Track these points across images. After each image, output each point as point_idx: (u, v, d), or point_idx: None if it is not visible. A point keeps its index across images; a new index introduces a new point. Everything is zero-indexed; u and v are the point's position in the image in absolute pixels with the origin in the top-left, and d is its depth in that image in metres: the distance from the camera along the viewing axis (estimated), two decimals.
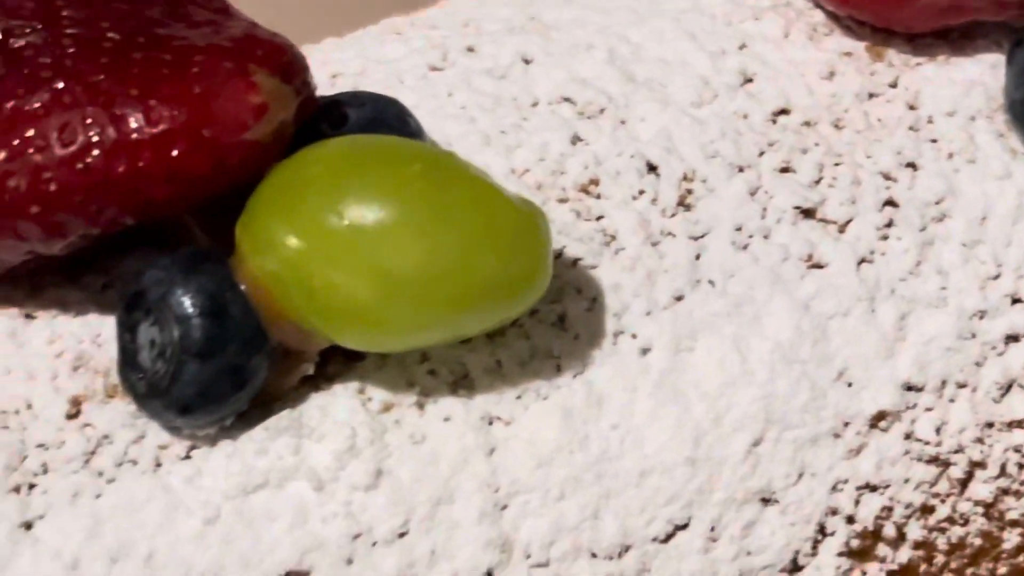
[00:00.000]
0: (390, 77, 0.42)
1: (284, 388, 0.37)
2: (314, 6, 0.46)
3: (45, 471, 0.36)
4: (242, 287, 0.35)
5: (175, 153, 0.34)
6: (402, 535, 0.36)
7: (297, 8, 0.44)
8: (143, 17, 0.36)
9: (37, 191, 0.34)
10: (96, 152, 0.34)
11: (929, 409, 0.39)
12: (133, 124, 0.34)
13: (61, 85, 0.34)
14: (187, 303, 0.34)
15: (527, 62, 0.43)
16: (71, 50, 0.35)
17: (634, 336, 0.38)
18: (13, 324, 0.37)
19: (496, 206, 0.34)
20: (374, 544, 0.36)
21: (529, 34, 0.45)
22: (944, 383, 0.39)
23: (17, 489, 0.35)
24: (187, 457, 0.36)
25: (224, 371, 0.35)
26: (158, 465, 0.36)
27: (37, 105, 0.34)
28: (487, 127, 0.41)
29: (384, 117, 0.38)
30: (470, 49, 0.44)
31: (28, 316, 0.38)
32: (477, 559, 0.36)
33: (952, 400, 0.39)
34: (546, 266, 0.35)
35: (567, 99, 0.42)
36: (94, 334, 0.37)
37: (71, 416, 0.36)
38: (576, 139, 0.41)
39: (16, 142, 0.34)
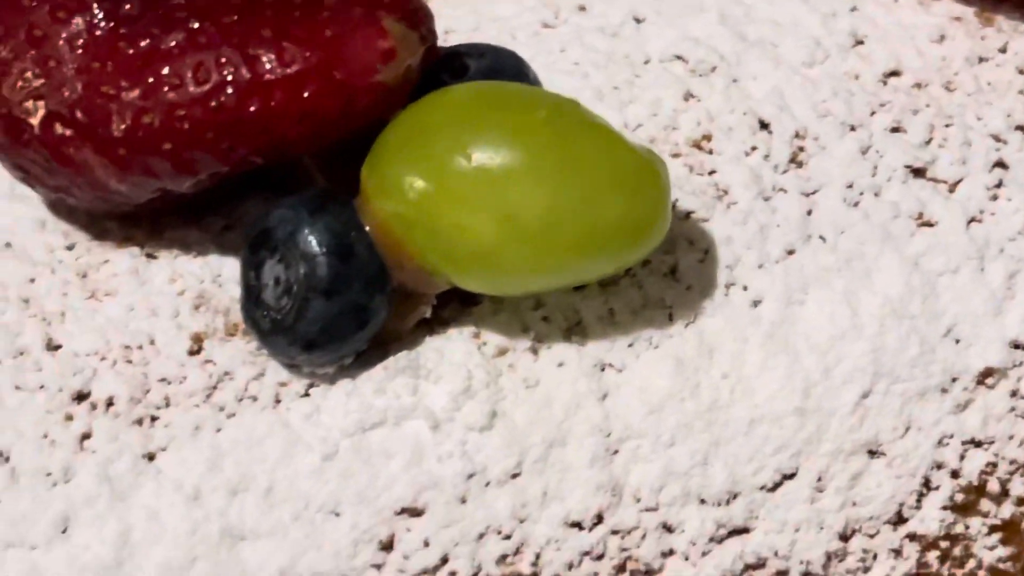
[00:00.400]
0: (503, 33, 0.43)
1: (401, 330, 0.37)
2: None
3: (167, 405, 0.36)
4: (366, 228, 0.35)
5: (306, 94, 0.34)
6: (515, 476, 0.36)
7: None
8: None
9: (170, 128, 0.34)
10: (229, 91, 0.34)
11: None
12: (266, 64, 0.34)
13: (196, 25, 0.35)
14: (314, 242, 0.35)
15: (638, 21, 0.44)
16: None
17: (745, 288, 0.38)
18: (135, 263, 0.38)
19: (620, 153, 0.35)
20: (487, 484, 0.36)
21: None
22: None
23: (140, 421, 0.36)
24: (306, 395, 0.37)
25: (348, 309, 0.35)
26: (277, 402, 0.37)
27: (172, 44, 0.34)
28: (600, 83, 0.41)
29: (503, 68, 0.38)
30: (581, 8, 0.44)
31: (149, 256, 0.38)
32: (588, 501, 0.36)
33: None
34: (666, 213, 0.35)
35: (679, 57, 0.42)
36: (214, 274, 0.38)
37: (193, 352, 0.37)
38: (688, 96, 0.41)
39: (151, 80, 0.34)
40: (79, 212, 0.39)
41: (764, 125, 0.41)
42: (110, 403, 0.36)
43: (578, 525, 0.37)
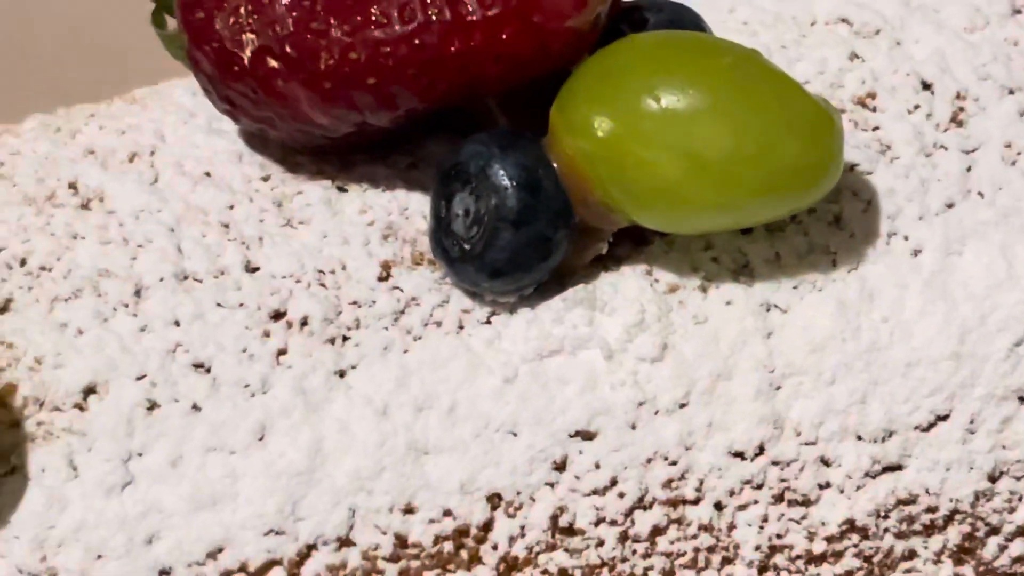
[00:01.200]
0: None
1: (578, 265, 0.38)
2: None
3: (358, 326, 0.38)
4: (553, 165, 0.37)
5: (504, 36, 0.36)
6: (682, 406, 0.38)
7: None
8: None
9: (376, 64, 0.36)
10: (433, 31, 0.36)
11: None
12: (469, 7, 0.36)
13: None
14: (505, 175, 0.36)
15: None
16: None
17: (906, 238, 0.39)
18: (328, 194, 0.40)
19: (798, 100, 0.36)
20: (656, 412, 0.37)
21: None
22: None
23: (332, 340, 0.38)
24: (487, 322, 0.38)
25: (534, 240, 0.37)
26: (460, 327, 0.38)
27: None
28: (768, 41, 0.42)
29: (681, 21, 0.39)
30: None
31: (340, 188, 0.40)
32: (751, 433, 0.38)
33: None
34: (839, 159, 0.36)
35: (844, 20, 0.43)
36: (401, 207, 0.40)
37: (382, 279, 0.39)
38: (853, 56, 0.42)
39: (359, 18, 0.36)
40: (273, 146, 0.40)
41: (926, 86, 0.42)
42: (304, 322, 0.38)
43: (740, 455, 0.38)
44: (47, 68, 0.50)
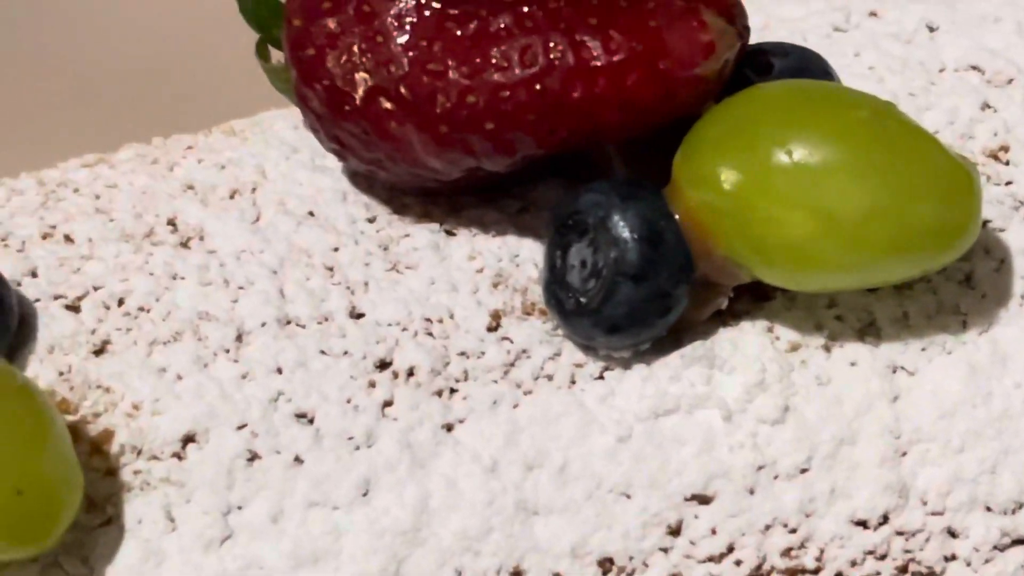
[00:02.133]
0: (793, 34, 0.43)
1: (697, 320, 0.38)
2: None
3: (466, 378, 0.37)
4: (675, 217, 0.36)
5: (629, 82, 0.35)
6: (803, 471, 0.37)
7: None
8: None
9: (494, 108, 0.35)
10: (555, 75, 0.35)
11: None
12: (593, 51, 0.35)
13: (525, 9, 0.35)
14: (626, 226, 0.36)
15: (932, 29, 0.43)
16: None
17: None
18: (435, 238, 0.39)
19: (937, 157, 0.35)
20: (776, 477, 0.37)
21: (933, 3, 0.44)
22: None
23: (440, 393, 0.37)
24: (600, 377, 0.38)
25: (654, 296, 0.36)
26: (573, 382, 0.38)
27: (501, 27, 0.36)
28: (896, 88, 0.42)
29: (809, 68, 0.39)
30: (872, 13, 0.44)
31: (448, 232, 0.40)
32: (875, 501, 0.37)
33: None
34: (978, 220, 0.36)
35: (975, 67, 0.42)
36: (512, 254, 0.39)
37: (491, 329, 0.38)
38: (985, 106, 0.41)
39: (478, 60, 0.35)
40: (379, 187, 0.40)
41: None
42: (411, 373, 0.37)
43: (863, 524, 0.37)
44: (141, 95, 0.50)
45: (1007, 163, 0.41)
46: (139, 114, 0.50)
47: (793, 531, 0.37)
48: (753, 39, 0.41)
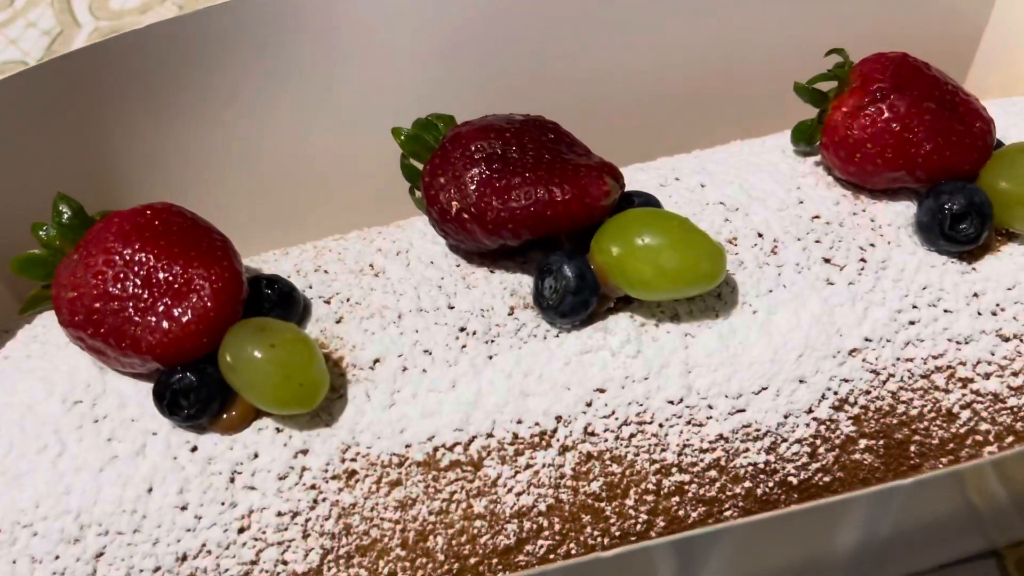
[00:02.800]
0: (643, 186, 0.39)
1: (599, 311, 0.35)
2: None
3: (499, 335, 0.34)
4: (592, 267, 0.34)
5: (572, 208, 0.34)
6: (645, 378, 0.34)
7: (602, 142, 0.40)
8: (557, 149, 0.35)
9: (512, 218, 0.34)
10: (540, 203, 0.34)
11: None
12: (557, 193, 0.34)
13: (527, 175, 0.34)
14: (569, 271, 0.34)
15: (703, 186, 0.39)
16: (529, 160, 0.34)
17: (750, 305, 0.35)
18: (484, 272, 0.36)
19: (707, 242, 0.33)
20: (632, 380, 0.34)
21: (703, 173, 0.40)
22: None
23: (487, 342, 0.34)
24: (556, 336, 0.35)
25: (581, 301, 0.34)
26: (545, 338, 0.35)
27: (515, 182, 0.34)
28: (687, 212, 0.38)
29: (650, 202, 0.36)
30: (677, 179, 0.40)
31: (490, 271, 0.37)
32: (676, 394, 0.34)
33: None
34: (724, 270, 0.33)
35: (721, 203, 0.38)
36: (518, 282, 0.36)
37: (510, 314, 0.35)
38: (726, 220, 0.38)
39: (505, 197, 0.34)
40: (461, 252, 0.37)
41: (760, 235, 0.37)
42: (474, 332, 0.34)
43: (670, 401, 0.34)
44: (367, 200, 0.45)
45: (736, 244, 0.37)
46: (353, 212, 0.46)
47: (640, 404, 0.34)
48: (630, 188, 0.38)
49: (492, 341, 0.35)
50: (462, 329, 0.35)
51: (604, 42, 0.46)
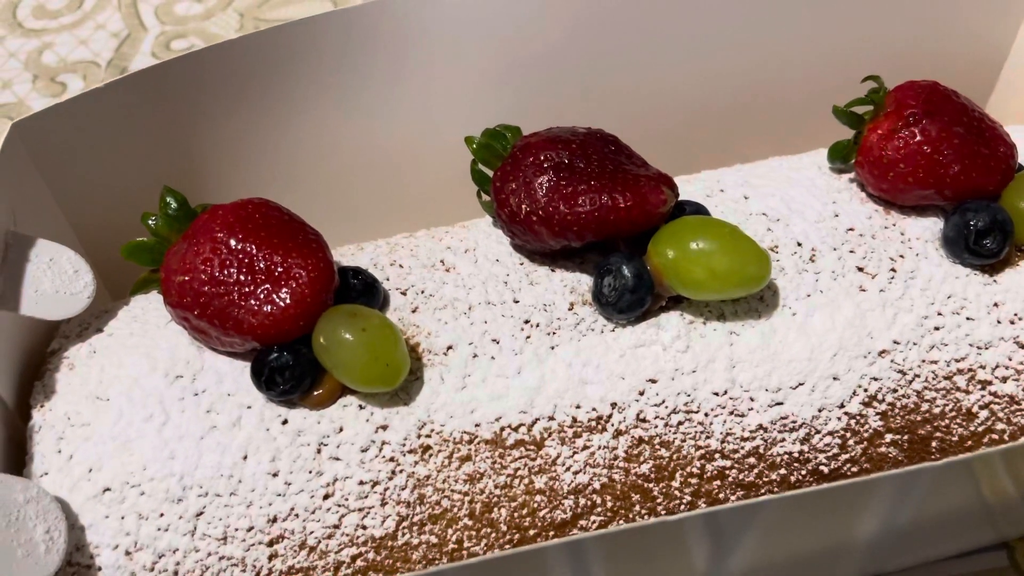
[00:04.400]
0: (691, 197, 0.41)
1: (653, 309, 0.37)
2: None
3: (560, 328, 0.37)
4: (648, 268, 0.37)
5: (633, 214, 0.36)
6: (693, 371, 0.36)
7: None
8: (618, 160, 0.37)
9: (578, 222, 0.36)
10: (603, 209, 0.36)
11: None
12: (620, 200, 0.36)
13: (592, 183, 0.36)
14: (627, 270, 0.36)
15: (746, 198, 0.41)
16: (594, 170, 0.36)
17: (789, 307, 0.37)
18: (547, 270, 0.38)
19: (754, 247, 0.36)
20: (681, 372, 0.36)
21: (746, 186, 0.42)
22: None
23: (550, 333, 0.36)
24: (613, 330, 0.37)
25: (637, 299, 0.36)
26: (602, 332, 0.37)
27: (582, 188, 0.36)
28: (733, 220, 0.39)
29: (700, 211, 0.38)
30: (721, 190, 0.42)
31: (551, 269, 0.39)
32: (732, 385, 0.36)
33: None
34: (769, 274, 0.35)
35: (764, 214, 0.40)
36: (577, 280, 0.38)
37: (570, 309, 0.37)
38: (768, 230, 0.40)
39: (572, 202, 0.36)
40: (525, 251, 0.39)
41: (799, 245, 0.39)
42: (537, 324, 0.37)
43: (716, 393, 0.36)
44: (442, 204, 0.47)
45: (777, 252, 0.39)
46: (420, 212, 0.47)
47: (688, 394, 0.36)
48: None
49: (554, 333, 0.37)
50: (526, 321, 0.37)
51: (656, 62, 0.49)
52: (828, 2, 0.49)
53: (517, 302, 0.38)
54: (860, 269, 0.39)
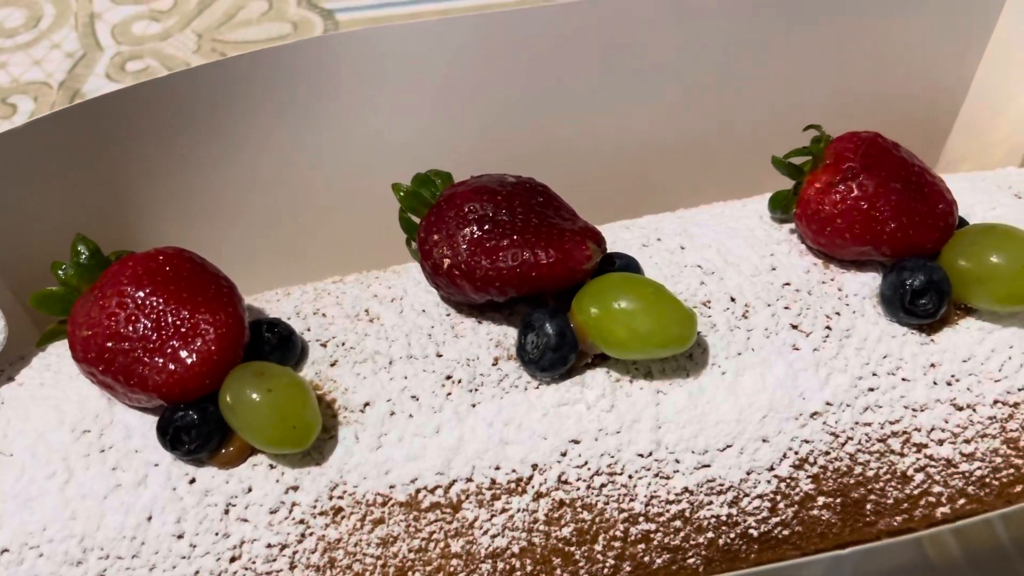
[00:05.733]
0: (626, 248, 0.41)
1: (578, 366, 0.37)
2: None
3: (483, 384, 0.36)
4: (571, 325, 0.36)
5: (556, 270, 0.35)
6: (617, 432, 0.35)
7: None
8: (544, 213, 0.36)
9: (500, 277, 0.35)
10: (526, 265, 0.35)
11: None
12: (541, 256, 0.35)
13: (515, 238, 0.35)
14: (551, 328, 0.36)
15: (682, 248, 0.41)
16: (518, 223, 0.36)
17: (719, 366, 0.37)
18: (473, 323, 0.38)
19: (679, 307, 0.35)
20: (605, 432, 0.35)
21: (683, 235, 0.41)
22: None
23: (472, 390, 0.36)
24: (537, 387, 0.36)
25: (560, 358, 0.36)
26: (526, 389, 0.36)
27: (504, 244, 0.35)
28: (666, 275, 0.39)
29: (629, 266, 0.38)
30: (659, 239, 0.41)
31: (478, 321, 0.38)
32: (645, 447, 0.36)
33: None
34: (695, 334, 0.35)
35: (698, 266, 0.40)
36: (504, 333, 0.38)
37: (494, 364, 0.37)
38: (701, 283, 0.39)
39: (493, 257, 0.35)
40: (451, 302, 0.39)
41: (733, 299, 0.38)
42: (459, 381, 0.36)
43: (641, 455, 0.36)
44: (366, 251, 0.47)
45: (710, 308, 0.38)
46: (355, 253, 0.47)
47: (612, 456, 0.35)
48: (611, 249, 0.40)
49: (476, 390, 0.36)
50: (448, 377, 0.36)
51: (601, 105, 0.48)
52: (790, 43, 0.48)
53: (440, 356, 0.37)
54: (794, 327, 0.38)
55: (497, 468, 0.35)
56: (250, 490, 0.34)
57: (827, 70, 0.50)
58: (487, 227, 0.35)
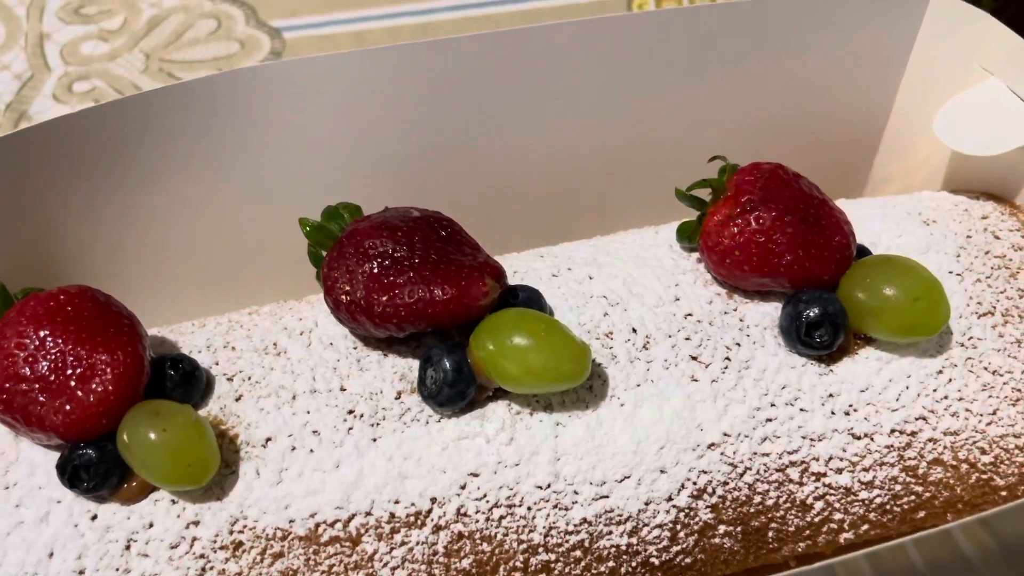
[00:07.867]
0: (537, 280, 0.41)
1: (478, 400, 0.37)
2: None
3: (385, 419, 0.36)
4: (469, 360, 0.36)
5: (452, 306, 0.36)
6: (516, 464, 0.36)
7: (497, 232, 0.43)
8: (445, 249, 0.37)
9: (397, 314, 0.36)
10: (423, 301, 0.36)
11: None
12: (437, 293, 0.36)
13: (411, 275, 0.36)
14: (448, 363, 0.36)
15: (591, 278, 0.41)
16: (416, 260, 0.36)
17: (618, 398, 0.38)
18: (378, 356, 0.38)
19: (573, 342, 0.35)
20: (505, 465, 0.36)
21: (592, 266, 0.41)
22: None
23: (373, 425, 0.36)
24: (438, 421, 0.37)
25: (457, 393, 0.36)
26: (427, 423, 0.37)
27: (401, 281, 0.36)
28: (571, 304, 0.40)
29: (531, 300, 0.38)
30: (569, 268, 0.41)
31: (383, 354, 0.38)
32: (544, 479, 0.36)
33: None
34: (589, 367, 0.35)
35: (604, 296, 0.39)
36: (409, 367, 0.38)
37: (397, 398, 0.37)
38: (604, 314, 0.39)
39: (392, 293, 0.36)
40: (357, 336, 0.39)
41: (634, 330, 0.38)
42: (361, 415, 0.36)
43: (539, 486, 0.36)
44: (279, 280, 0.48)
45: (612, 339, 0.39)
46: (275, 282, 0.48)
47: (511, 488, 0.36)
48: (515, 281, 0.41)
49: (377, 424, 0.36)
50: (350, 412, 0.37)
51: (526, 131, 0.48)
52: (714, 73, 0.49)
53: (344, 390, 0.38)
54: (694, 358, 0.38)
55: (396, 502, 0.36)
56: (151, 525, 0.35)
57: (755, 96, 0.51)
58: (386, 263, 0.36)
